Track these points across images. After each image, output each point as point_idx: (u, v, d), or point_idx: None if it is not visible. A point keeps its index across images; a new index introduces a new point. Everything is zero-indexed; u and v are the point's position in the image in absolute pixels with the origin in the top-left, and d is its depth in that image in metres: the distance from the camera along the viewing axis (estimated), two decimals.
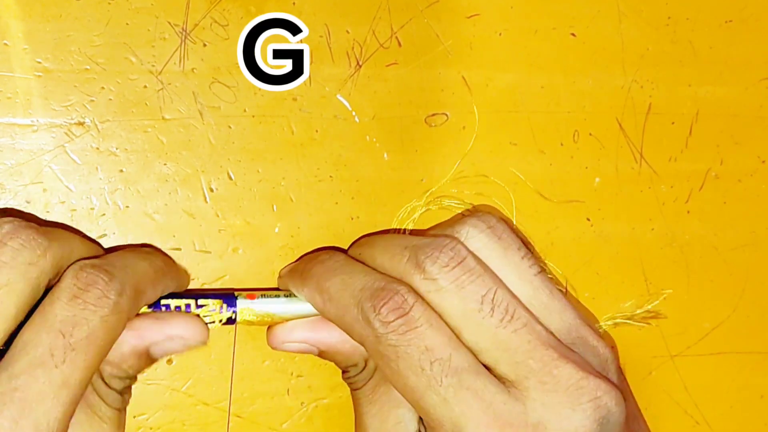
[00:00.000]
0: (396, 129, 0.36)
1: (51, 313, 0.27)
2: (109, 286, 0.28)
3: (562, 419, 0.28)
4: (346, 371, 0.32)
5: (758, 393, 0.40)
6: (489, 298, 0.29)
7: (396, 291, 0.29)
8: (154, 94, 0.34)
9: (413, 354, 0.28)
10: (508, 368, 0.28)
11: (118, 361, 0.29)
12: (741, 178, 0.39)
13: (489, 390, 0.28)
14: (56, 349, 0.26)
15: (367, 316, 0.29)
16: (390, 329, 0.28)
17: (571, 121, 0.37)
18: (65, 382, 0.26)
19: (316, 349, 0.32)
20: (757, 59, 0.39)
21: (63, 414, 0.26)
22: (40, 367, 0.26)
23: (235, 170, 0.35)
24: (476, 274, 0.29)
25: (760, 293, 0.40)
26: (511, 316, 0.29)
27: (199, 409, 0.35)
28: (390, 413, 0.31)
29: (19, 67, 0.33)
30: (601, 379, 0.28)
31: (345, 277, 0.30)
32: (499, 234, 0.30)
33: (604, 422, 0.28)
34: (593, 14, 0.38)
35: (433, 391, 0.28)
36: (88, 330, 0.27)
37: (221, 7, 0.34)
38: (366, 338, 0.29)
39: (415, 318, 0.28)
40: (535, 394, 0.28)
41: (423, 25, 0.36)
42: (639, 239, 0.38)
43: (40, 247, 0.28)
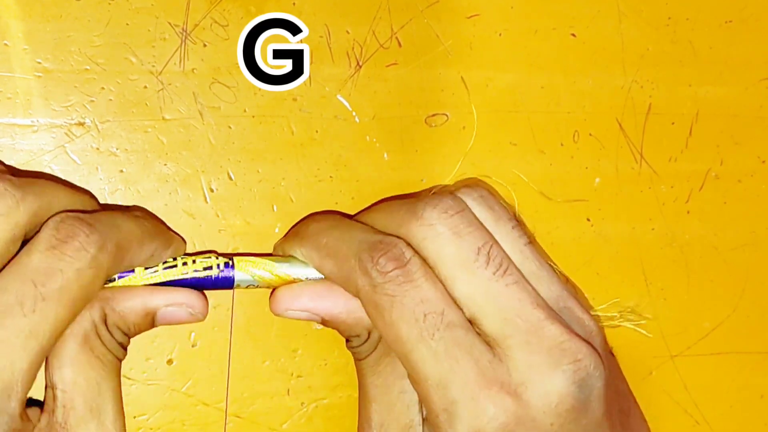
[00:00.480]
0: (396, 129, 0.36)
1: (25, 263, 0.27)
2: (90, 239, 0.27)
3: (544, 379, 0.28)
4: (350, 341, 0.32)
5: (758, 393, 0.40)
6: (485, 251, 0.29)
7: (394, 244, 0.29)
8: (154, 95, 0.34)
9: (408, 304, 0.28)
10: (496, 324, 0.29)
11: (126, 312, 0.30)
12: (741, 178, 0.39)
13: (477, 348, 0.28)
14: (26, 298, 0.26)
15: (364, 266, 0.29)
16: (387, 279, 0.29)
17: (571, 121, 0.37)
18: (33, 331, 0.26)
19: (320, 317, 0.32)
20: (757, 59, 0.39)
21: (29, 364, 0.26)
22: (8, 315, 0.26)
23: (235, 170, 0.35)
24: (474, 225, 0.30)
25: (760, 293, 0.40)
26: (504, 271, 0.29)
27: (199, 409, 0.35)
28: (394, 384, 0.31)
29: (19, 67, 0.33)
30: (584, 342, 0.29)
31: (342, 233, 0.31)
32: (490, 204, 0.31)
33: (582, 384, 0.28)
34: (593, 14, 0.38)
35: (424, 343, 0.28)
36: (62, 281, 0.27)
37: (221, 7, 0.34)
38: (362, 288, 0.29)
39: (412, 270, 0.29)
40: (519, 354, 0.28)
41: (423, 25, 0.36)
42: (639, 239, 0.38)
43: (12, 198, 0.27)
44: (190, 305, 0.31)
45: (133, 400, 0.34)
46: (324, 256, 0.31)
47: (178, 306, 0.30)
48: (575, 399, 0.28)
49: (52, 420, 0.28)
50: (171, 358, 0.35)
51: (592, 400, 0.28)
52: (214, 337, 0.35)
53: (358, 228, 0.31)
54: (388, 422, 0.31)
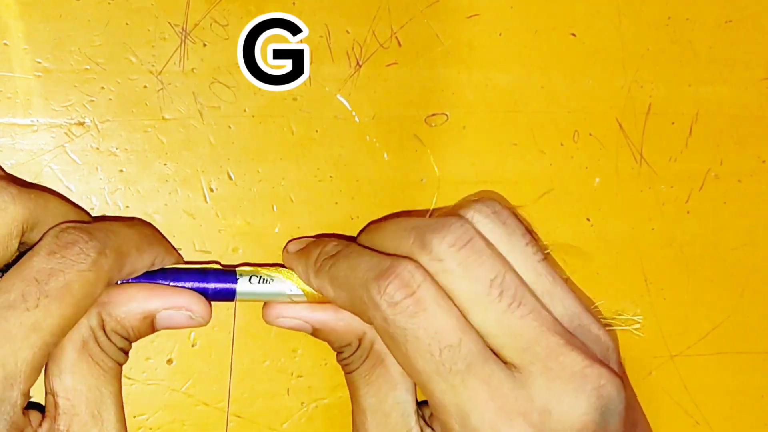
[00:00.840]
0: (396, 129, 0.36)
1: (28, 265, 0.27)
2: (89, 245, 0.28)
3: (567, 406, 0.28)
4: (341, 352, 0.32)
5: (758, 393, 0.40)
6: (498, 282, 0.28)
7: (402, 268, 0.28)
8: (154, 94, 0.34)
9: (422, 338, 0.28)
10: (514, 354, 0.28)
11: (124, 318, 0.30)
12: (741, 178, 0.39)
13: (496, 376, 0.28)
14: (29, 294, 0.27)
15: (373, 297, 0.28)
16: (398, 310, 0.28)
17: (571, 121, 0.37)
18: (36, 325, 0.27)
19: (310, 326, 0.32)
20: (757, 59, 0.39)
21: (32, 356, 0.27)
22: (11, 309, 0.26)
23: (235, 170, 0.35)
24: (485, 255, 0.29)
25: (760, 293, 0.40)
26: (519, 302, 0.28)
27: (199, 409, 0.35)
28: (388, 394, 0.31)
29: (19, 67, 0.33)
30: (605, 367, 0.28)
31: (352, 262, 0.30)
32: (503, 219, 0.30)
33: (605, 410, 0.28)
34: (593, 14, 0.38)
35: (441, 377, 0.28)
36: (64, 281, 0.27)
37: (221, 7, 0.34)
38: (375, 320, 0.29)
39: (424, 298, 0.28)
40: (541, 380, 0.28)
41: (423, 25, 0.36)
42: (639, 239, 0.38)
43: (9, 194, 0.28)
44: (189, 309, 0.30)
45: (133, 400, 0.34)
46: (337, 288, 0.30)
47: (177, 309, 0.30)
48: (597, 424, 0.28)
49: (54, 426, 0.28)
50: (171, 358, 0.35)
51: (612, 423, 0.28)
52: (214, 337, 0.35)
53: (367, 254, 0.30)
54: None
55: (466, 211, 0.30)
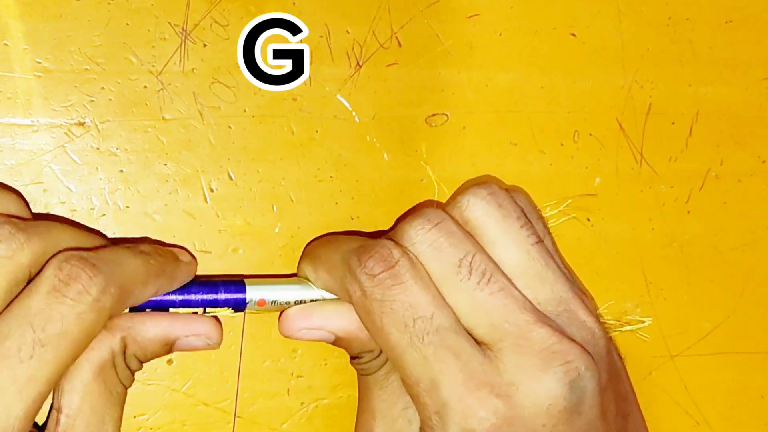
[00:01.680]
0: (396, 129, 0.36)
1: (26, 305, 0.26)
2: (92, 282, 0.27)
3: (534, 381, 0.28)
4: (360, 357, 0.32)
5: (758, 393, 0.40)
6: (467, 261, 0.29)
7: (381, 244, 0.29)
8: (154, 94, 0.34)
9: (398, 310, 0.29)
10: (484, 330, 0.29)
11: (146, 344, 0.30)
12: (741, 178, 0.39)
13: (466, 350, 0.28)
14: (24, 344, 0.26)
15: (353, 270, 0.29)
16: (375, 282, 0.29)
17: (571, 121, 0.37)
18: (31, 378, 0.26)
19: (333, 335, 0.32)
20: (757, 59, 0.39)
21: (25, 410, 0.26)
22: (5, 361, 0.26)
23: (235, 170, 0.35)
24: (454, 237, 0.29)
25: (760, 293, 0.40)
26: (488, 279, 0.29)
27: (199, 409, 0.35)
28: (399, 399, 0.31)
29: (19, 67, 0.33)
30: (575, 344, 0.29)
31: (334, 243, 0.32)
32: (499, 201, 0.31)
33: (573, 385, 0.28)
34: (593, 14, 0.38)
35: (414, 348, 0.28)
36: (62, 327, 0.26)
37: (221, 7, 0.34)
38: (353, 294, 0.29)
39: (401, 273, 0.29)
40: (509, 357, 0.28)
41: (423, 25, 0.36)
42: (639, 239, 0.38)
43: (17, 241, 0.27)
44: (208, 336, 0.31)
45: (133, 400, 0.34)
46: (318, 268, 0.32)
47: (197, 336, 0.31)
48: (567, 400, 0.28)
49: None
50: (171, 358, 0.35)
51: (585, 401, 0.28)
52: None
53: (349, 238, 0.32)
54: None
55: (462, 195, 0.31)
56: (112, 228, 0.34)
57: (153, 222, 0.34)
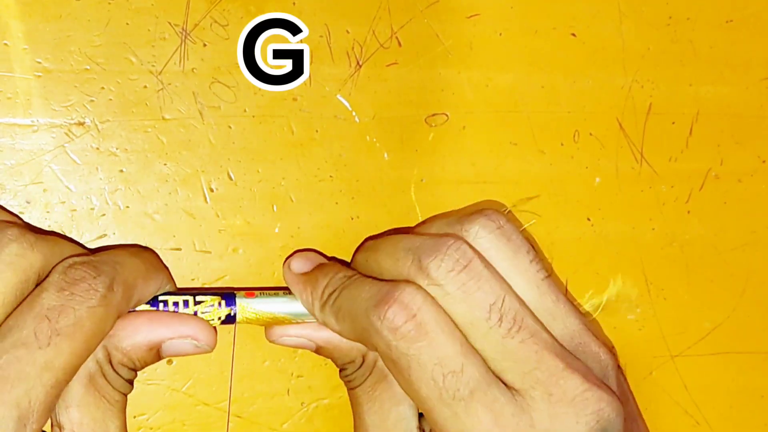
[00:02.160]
0: (396, 129, 0.36)
1: (38, 302, 0.27)
2: (97, 281, 0.28)
3: (567, 430, 0.28)
4: (344, 369, 0.32)
5: (758, 393, 0.40)
6: (497, 307, 0.28)
7: (400, 291, 0.28)
8: (154, 94, 0.34)
9: (425, 364, 0.28)
10: (516, 378, 0.28)
11: (130, 350, 0.30)
12: (741, 178, 0.39)
13: (499, 402, 0.28)
14: (41, 332, 0.27)
15: (374, 324, 0.28)
16: (399, 336, 0.28)
17: (571, 121, 0.37)
18: (48, 364, 0.26)
19: (314, 344, 0.32)
20: (757, 59, 0.39)
21: (45, 395, 0.26)
22: (23, 348, 0.26)
23: (235, 170, 0.35)
24: (483, 279, 0.28)
25: (760, 293, 0.40)
26: (519, 326, 0.28)
27: (199, 409, 0.35)
28: (390, 410, 0.31)
29: (19, 67, 0.33)
30: (604, 389, 0.29)
31: (353, 292, 0.30)
32: (508, 236, 0.30)
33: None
34: (593, 14, 0.38)
35: (445, 404, 0.28)
36: (75, 318, 0.27)
37: (221, 7, 0.34)
38: (378, 346, 0.29)
39: (425, 322, 0.28)
40: (542, 405, 0.28)
41: (423, 25, 0.36)
42: (639, 239, 0.38)
43: (27, 241, 0.28)
44: (195, 337, 0.30)
45: (133, 400, 0.34)
46: (341, 320, 0.30)
47: (183, 339, 0.30)
48: None
49: None
50: (171, 358, 0.35)
51: None
52: None
53: (367, 283, 0.30)
54: None
55: (470, 225, 0.30)
56: (112, 228, 0.34)
57: (153, 222, 0.34)
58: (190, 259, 0.35)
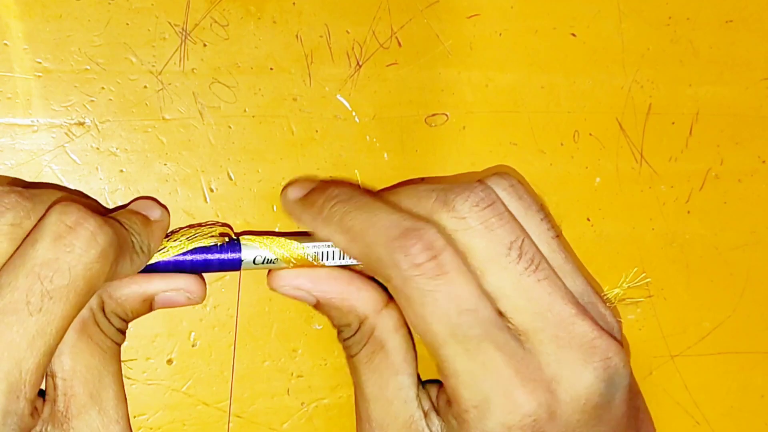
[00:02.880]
0: (396, 129, 0.36)
1: (32, 254, 0.26)
2: (100, 231, 0.27)
3: (574, 376, 0.28)
4: (341, 331, 0.32)
5: (758, 393, 0.40)
6: (517, 245, 0.28)
7: (426, 230, 0.28)
8: (154, 94, 0.34)
9: (441, 300, 0.28)
10: (527, 318, 0.28)
11: (124, 300, 0.30)
12: (741, 178, 0.39)
13: (510, 344, 0.28)
14: (33, 296, 0.25)
15: (394, 257, 0.28)
16: (420, 271, 0.28)
17: (571, 121, 0.37)
18: (40, 331, 0.26)
19: (314, 298, 0.32)
20: (757, 59, 0.39)
21: (36, 364, 0.26)
22: (14, 314, 0.25)
23: (235, 170, 0.35)
24: (505, 219, 0.29)
25: (760, 293, 0.40)
26: (536, 266, 0.28)
27: (199, 409, 0.35)
28: (390, 380, 0.31)
29: (19, 67, 0.33)
30: (613, 339, 0.29)
31: (369, 215, 0.29)
32: (520, 194, 0.30)
33: (610, 382, 0.28)
34: (593, 14, 0.38)
35: (456, 340, 0.28)
36: (70, 277, 0.26)
37: (221, 7, 0.34)
38: (392, 278, 0.28)
39: (445, 262, 0.28)
40: (550, 348, 0.28)
41: (423, 25, 0.36)
42: (639, 239, 0.38)
43: (24, 209, 0.27)
44: (188, 290, 0.31)
45: (133, 400, 0.34)
46: (350, 241, 0.30)
47: (176, 291, 0.30)
48: (601, 396, 0.28)
49: (54, 408, 0.28)
50: (171, 358, 0.35)
51: (617, 397, 0.29)
52: (214, 336, 0.35)
53: (385, 210, 0.29)
54: (388, 420, 0.31)
55: (486, 180, 0.30)
56: None
57: None
58: None
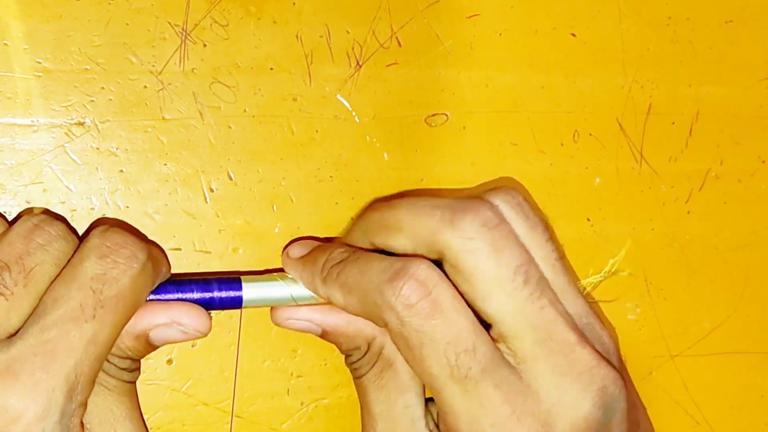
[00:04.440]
0: (396, 129, 0.36)
1: (81, 270, 0.27)
2: (139, 248, 0.28)
3: (573, 404, 0.28)
4: (349, 355, 0.32)
5: (758, 393, 0.40)
6: (523, 269, 0.28)
7: (417, 267, 0.28)
8: (154, 94, 0.34)
9: (438, 341, 0.27)
10: (527, 344, 0.28)
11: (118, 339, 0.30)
12: (741, 178, 0.39)
13: (508, 380, 0.28)
14: (87, 305, 0.27)
15: (387, 299, 0.28)
16: (414, 312, 0.27)
17: (571, 121, 0.37)
18: (94, 337, 0.27)
19: (320, 329, 0.32)
20: (757, 59, 0.39)
21: (90, 369, 0.27)
22: (72, 321, 0.26)
23: (235, 170, 0.35)
24: (513, 241, 0.28)
25: (760, 293, 0.40)
26: (541, 292, 0.28)
27: (199, 409, 0.35)
28: (397, 399, 0.31)
29: (19, 67, 0.33)
30: (610, 367, 0.29)
31: (362, 266, 0.29)
32: (527, 212, 0.30)
33: (607, 409, 0.28)
34: (593, 14, 0.38)
35: (455, 381, 0.28)
36: (118, 288, 0.27)
37: (221, 7, 0.34)
38: (389, 322, 0.28)
39: (440, 300, 0.28)
40: (548, 378, 0.28)
41: (423, 25, 0.36)
42: (639, 239, 0.38)
43: (69, 236, 0.29)
44: (179, 323, 0.30)
45: None
46: (347, 295, 0.30)
47: (167, 326, 0.30)
48: (599, 423, 0.28)
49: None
50: (171, 358, 0.35)
51: (614, 420, 0.29)
52: (214, 336, 0.35)
53: (377, 258, 0.29)
54: None
55: (493, 197, 0.30)
56: None
57: (153, 222, 0.34)
58: (190, 259, 0.35)
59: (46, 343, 0.26)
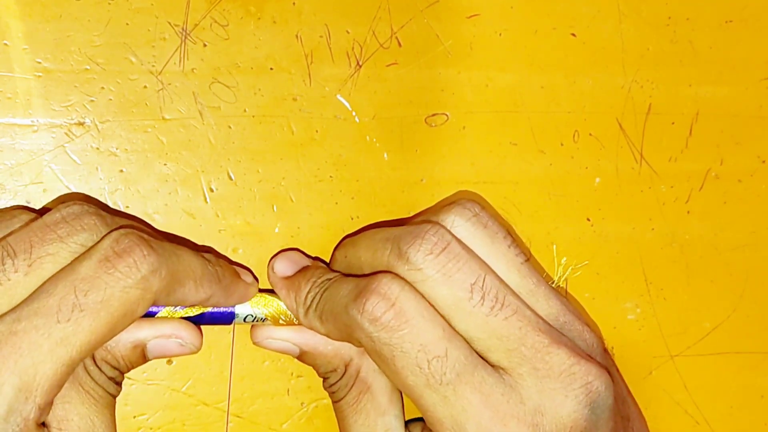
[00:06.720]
0: (396, 129, 0.36)
1: (76, 269, 0.27)
2: (144, 260, 0.27)
3: (557, 405, 0.28)
4: (327, 378, 0.32)
5: (758, 393, 0.40)
6: (478, 286, 0.28)
7: (377, 282, 0.28)
8: (154, 94, 0.34)
9: (409, 351, 0.28)
10: (501, 356, 0.28)
11: (114, 345, 0.29)
12: (741, 178, 0.39)
13: (487, 382, 0.28)
14: (65, 305, 0.26)
15: (354, 318, 0.28)
16: (380, 326, 0.28)
17: (571, 121, 0.37)
18: (64, 339, 0.26)
19: (298, 349, 0.32)
20: (757, 59, 0.39)
21: (53, 371, 0.26)
22: (43, 318, 0.26)
23: (235, 170, 0.35)
24: (462, 260, 0.28)
25: (760, 293, 0.40)
26: (502, 304, 0.28)
27: (199, 409, 0.35)
28: (377, 421, 0.31)
29: (19, 67, 0.33)
30: (592, 362, 0.29)
31: (333, 291, 0.30)
32: (484, 222, 0.30)
33: (594, 406, 0.28)
34: (593, 14, 0.38)
35: (433, 389, 0.28)
36: (104, 295, 0.26)
37: (221, 7, 0.34)
38: (362, 341, 0.29)
39: (404, 309, 0.28)
40: (530, 381, 0.28)
41: (423, 25, 0.36)
42: (639, 239, 0.38)
43: (98, 233, 0.28)
44: (178, 336, 0.30)
45: (133, 400, 0.34)
46: (325, 323, 0.30)
47: (166, 338, 0.30)
48: (587, 421, 0.28)
49: None
50: (171, 358, 0.35)
51: (602, 417, 0.29)
52: (213, 337, 0.35)
53: (345, 281, 0.30)
54: None
55: (446, 214, 0.30)
56: None
57: (153, 222, 0.34)
58: None
59: (12, 334, 0.26)
